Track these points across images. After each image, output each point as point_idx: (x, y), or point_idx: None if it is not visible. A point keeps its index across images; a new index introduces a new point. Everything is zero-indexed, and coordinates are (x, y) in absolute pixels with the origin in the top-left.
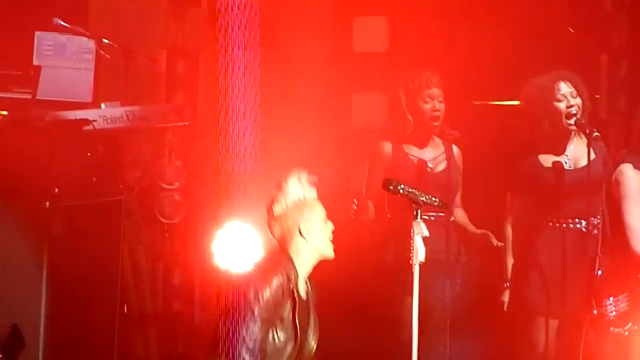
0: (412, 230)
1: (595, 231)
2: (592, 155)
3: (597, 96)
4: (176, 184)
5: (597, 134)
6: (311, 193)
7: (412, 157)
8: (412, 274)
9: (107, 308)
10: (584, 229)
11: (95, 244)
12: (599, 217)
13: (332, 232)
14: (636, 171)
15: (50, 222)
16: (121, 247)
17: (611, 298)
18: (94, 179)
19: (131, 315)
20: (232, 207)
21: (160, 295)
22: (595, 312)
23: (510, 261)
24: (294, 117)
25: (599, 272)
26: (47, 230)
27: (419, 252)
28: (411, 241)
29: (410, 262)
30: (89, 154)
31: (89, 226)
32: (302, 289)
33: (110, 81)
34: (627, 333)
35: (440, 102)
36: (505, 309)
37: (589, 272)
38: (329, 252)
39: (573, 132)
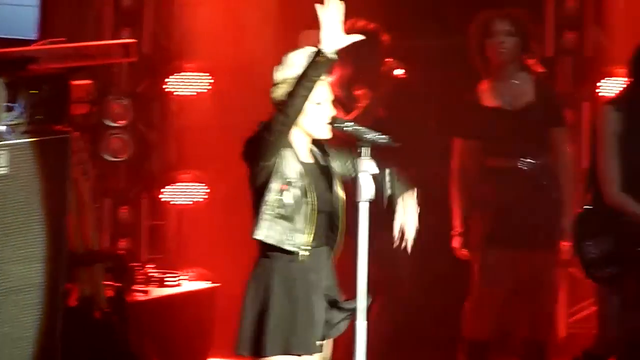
0: (358, 168)
1: (536, 171)
2: (531, 96)
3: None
4: (122, 122)
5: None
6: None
7: None
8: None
9: (53, 245)
10: (527, 169)
11: (42, 182)
12: (545, 157)
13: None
14: (618, 113)
15: None
16: (68, 185)
17: (592, 239)
18: (40, 117)
19: (77, 253)
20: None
21: (107, 233)
22: (575, 252)
23: (457, 209)
24: (245, 56)
25: (584, 209)
26: None
27: (365, 190)
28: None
29: (357, 199)
30: (34, 92)
31: (35, 164)
32: (305, 154)
33: (55, 18)
34: (607, 275)
35: None
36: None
37: (543, 209)
38: (318, 134)
39: (512, 71)
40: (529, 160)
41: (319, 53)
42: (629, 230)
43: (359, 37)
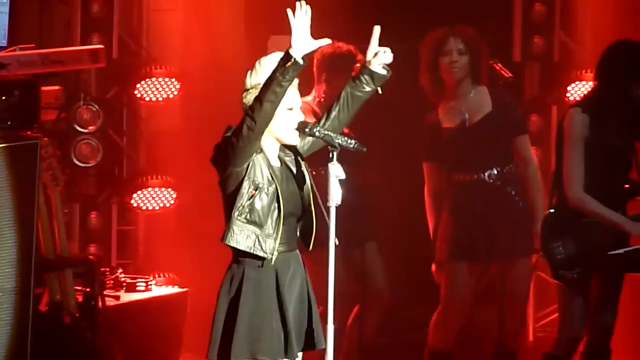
0: (327, 173)
1: (500, 181)
2: (490, 107)
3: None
4: (91, 127)
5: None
6: None
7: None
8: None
9: (23, 250)
10: (491, 180)
11: (11, 188)
12: (509, 165)
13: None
14: (584, 115)
15: None
16: (37, 191)
17: (559, 241)
18: (9, 123)
19: (47, 258)
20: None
21: (77, 238)
22: (541, 255)
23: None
24: (214, 62)
25: (551, 212)
26: None
27: (335, 194)
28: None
29: (327, 204)
30: (3, 98)
31: (4, 169)
32: (275, 159)
33: (25, 24)
34: (575, 276)
35: None
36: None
37: (510, 219)
38: (287, 139)
39: (469, 87)
40: (493, 171)
41: (288, 58)
42: (594, 231)
43: (327, 41)
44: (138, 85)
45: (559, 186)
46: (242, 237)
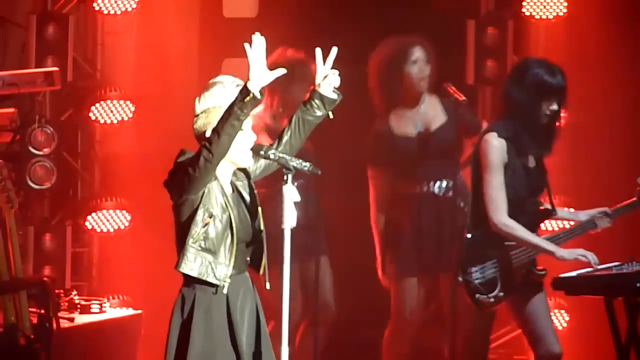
0: (282, 195)
1: (450, 193)
2: (444, 119)
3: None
4: (46, 150)
5: (464, 99)
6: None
7: None
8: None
9: None
10: (436, 191)
11: None
12: (455, 178)
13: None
14: (501, 140)
15: None
16: None
17: (477, 266)
18: None
19: (1, 280)
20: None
21: (31, 260)
22: (460, 279)
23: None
24: (168, 85)
25: (469, 236)
26: None
27: (290, 217)
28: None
29: (282, 226)
30: None
31: None
32: (227, 185)
33: None
34: (492, 300)
35: None
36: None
37: (457, 232)
38: (240, 162)
39: (423, 97)
40: (443, 183)
41: (247, 92)
42: (510, 254)
43: (282, 72)
44: (93, 108)
45: (477, 210)
46: (196, 264)
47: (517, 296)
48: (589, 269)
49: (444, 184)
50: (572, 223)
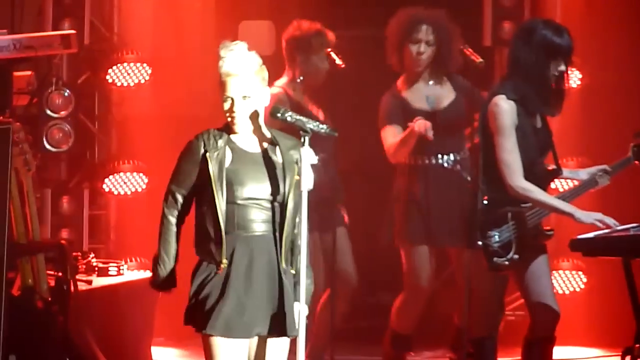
0: (299, 158)
1: (458, 166)
2: (453, 95)
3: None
4: (63, 112)
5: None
6: (233, 67)
7: None
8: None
9: None
10: (445, 164)
11: None
12: (462, 152)
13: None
14: (510, 102)
15: None
16: (9, 175)
17: (495, 229)
18: None
19: (19, 243)
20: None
21: (48, 223)
22: (480, 243)
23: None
24: (185, 47)
25: (485, 202)
26: None
27: (308, 179)
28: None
29: (300, 189)
30: None
31: None
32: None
33: None
34: (507, 263)
35: None
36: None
37: (464, 204)
38: (239, 128)
39: (430, 74)
40: (450, 156)
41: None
42: (525, 216)
43: None
44: (110, 71)
45: (490, 175)
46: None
47: (523, 258)
48: (606, 230)
49: (452, 157)
50: (575, 182)
